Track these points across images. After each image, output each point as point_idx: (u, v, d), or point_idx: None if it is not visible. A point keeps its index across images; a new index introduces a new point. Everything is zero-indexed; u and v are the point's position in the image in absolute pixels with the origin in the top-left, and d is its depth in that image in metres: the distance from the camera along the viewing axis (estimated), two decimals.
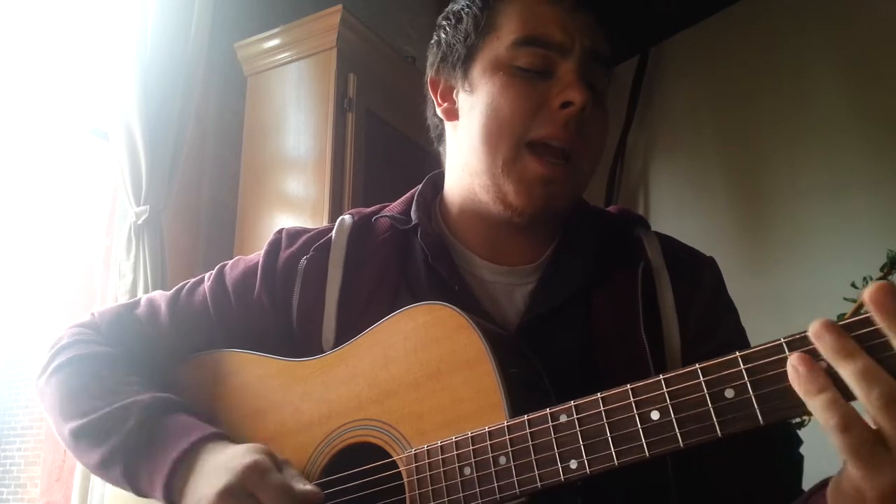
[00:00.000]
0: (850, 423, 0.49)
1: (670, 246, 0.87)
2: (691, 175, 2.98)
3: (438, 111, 0.90)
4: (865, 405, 0.49)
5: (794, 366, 0.51)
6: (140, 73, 1.71)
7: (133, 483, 0.78)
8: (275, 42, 2.06)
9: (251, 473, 0.68)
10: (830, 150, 2.50)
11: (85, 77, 1.89)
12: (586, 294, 0.82)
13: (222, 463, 0.71)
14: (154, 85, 1.73)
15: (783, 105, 2.66)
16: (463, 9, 0.86)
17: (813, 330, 0.52)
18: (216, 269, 0.95)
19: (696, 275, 0.85)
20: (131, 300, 0.99)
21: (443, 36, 0.89)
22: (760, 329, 0.86)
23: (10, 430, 2.29)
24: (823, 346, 0.51)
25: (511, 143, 0.78)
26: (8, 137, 2.05)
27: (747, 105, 2.79)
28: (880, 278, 1.61)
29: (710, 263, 0.88)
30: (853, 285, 1.64)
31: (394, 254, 0.87)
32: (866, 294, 0.50)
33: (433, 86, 0.91)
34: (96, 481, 1.54)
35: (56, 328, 0.93)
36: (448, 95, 0.88)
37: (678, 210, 2.96)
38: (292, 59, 2.03)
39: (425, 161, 0.95)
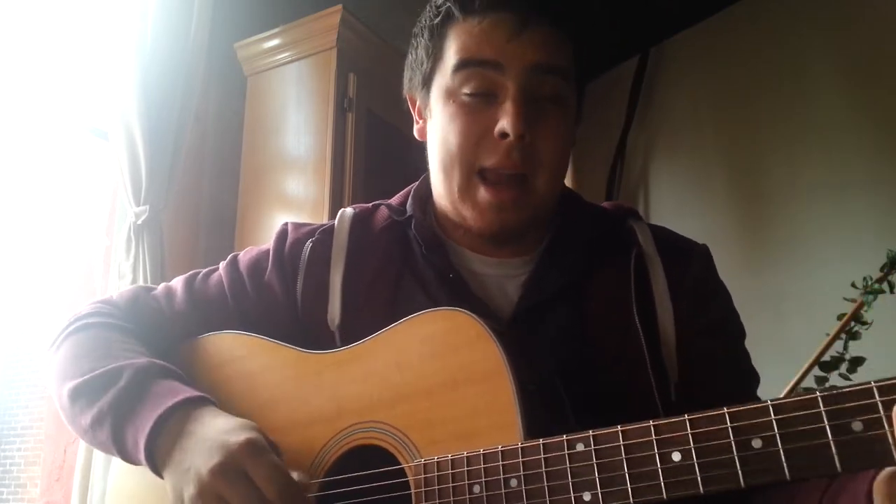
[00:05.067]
0: None
1: (662, 234, 0.89)
2: (691, 175, 2.98)
3: (415, 129, 0.93)
4: None
5: None
6: (140, 73, 1.71)
7: (119, 446, 0.77)
8: (275, 42, 2.06)
9: (246, 451, 0.66)
10: (830, 150, 2.50)
11: (85, 77, 1.89)
12: (579, 283, 0.83)
13: (214, 435, 0.69)
14: (154, 85, 1.73)
15: (783, 105, 2.65)
16: (418, 34, 0.88)
17: None
18: (228, 257, 0.97)
19: (687, 259, 0.86)
20: (149, 285, 0.99)
21: (410, 56, 0.91)
22: (760, 329, 0.86)
23: (10, 430, 2.29)
24: None
25: (462, 172, 0.81)
26: (8, 137, 2.05)
27: (747, 105, 2.78)
28: (880, 278, 1.61)
29: (701, 249, 0.90)
30: (853, 285, 1.64)
31: (394, 240, 0.90)
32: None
33: (411, 102, 0.94)
34: (95, 480, 1.54)
35: (55, 328, 0.93)
36: (421, 114, 0.91)
37: (678, 210, 2.96)
38: (292, 59, 2.03)
39: (425, 161, 0.95)
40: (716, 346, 0.83)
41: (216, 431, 0.69)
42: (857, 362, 1.61)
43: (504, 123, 0.77)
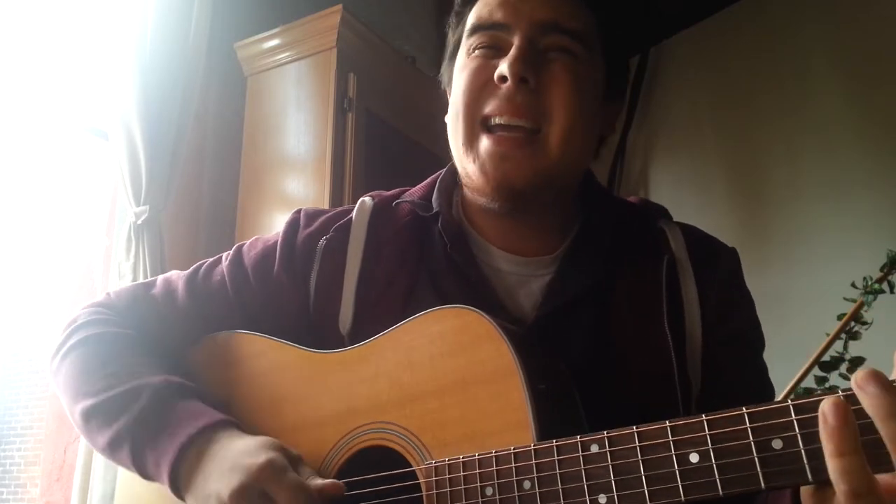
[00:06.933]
0: (861, 493, 0.46)
1: (692, 237, 0.87)
2: (691, 175, 2.98)
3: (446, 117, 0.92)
4: None
5: (824, 413, 0.47)
6: (140, 73, 1.71)
7: (140, 466, 0.77)
8: (275, 42, 2.06)
9: (266, 473, 0.66)
10: (830, 150, 2.50)
11: (85, 77, 1.89)
12: (606, 286, 0.81)
13: (233, 458, 0.69)
14: (154, 85, 1.73)
15: (783, 104, 2.66)
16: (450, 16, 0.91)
17: (856, 379, 0.47)
18: (234, 248, 0.94)
19: (714, 263, 0.85)
20: (147, 280, 0.98)
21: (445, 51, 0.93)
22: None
23: (10, 430, 2.29)
24: (866, 398, 0.47)
25: (466, 123, 0.79)
26: (8, 137, 2.05)
27: (747, 105, 2.78)
28: (880, 278, 1.61)
29: (730, 253, 0.88)
30: (853, 285, 1.64)
31: (414, 239, 0.86)
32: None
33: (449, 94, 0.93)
34: (96, 481, 1.54)
35: (55, 328, 0.92)
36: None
37: (678, 210, 2.94)
38: (292, 59, 2.03)
39: (425, 161, 0.95)
40: (736, 357, 0.81)
41: (236, 454, 0.70)
42: (857, 362, 1.61)
43: (503, 66, 0.76)
